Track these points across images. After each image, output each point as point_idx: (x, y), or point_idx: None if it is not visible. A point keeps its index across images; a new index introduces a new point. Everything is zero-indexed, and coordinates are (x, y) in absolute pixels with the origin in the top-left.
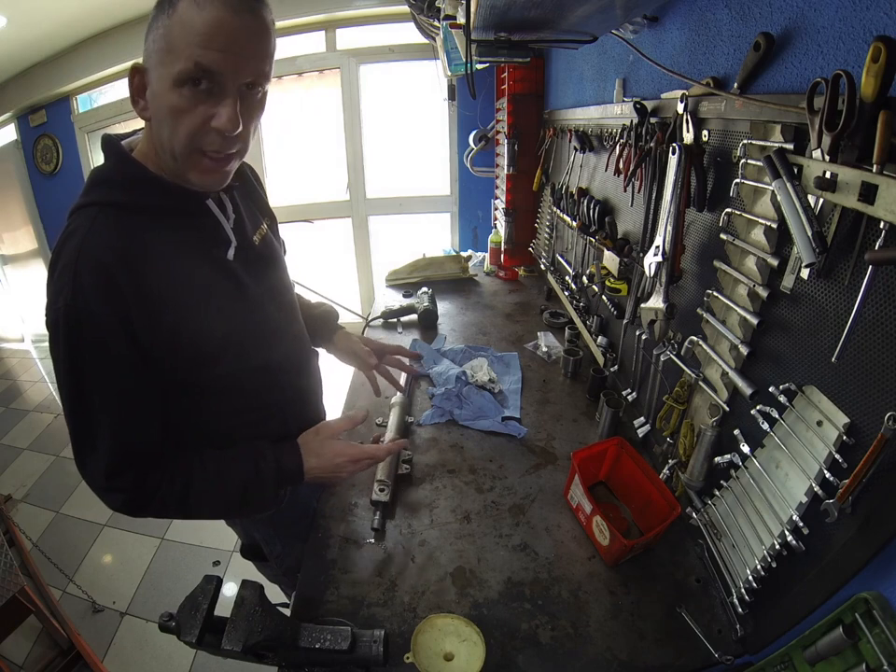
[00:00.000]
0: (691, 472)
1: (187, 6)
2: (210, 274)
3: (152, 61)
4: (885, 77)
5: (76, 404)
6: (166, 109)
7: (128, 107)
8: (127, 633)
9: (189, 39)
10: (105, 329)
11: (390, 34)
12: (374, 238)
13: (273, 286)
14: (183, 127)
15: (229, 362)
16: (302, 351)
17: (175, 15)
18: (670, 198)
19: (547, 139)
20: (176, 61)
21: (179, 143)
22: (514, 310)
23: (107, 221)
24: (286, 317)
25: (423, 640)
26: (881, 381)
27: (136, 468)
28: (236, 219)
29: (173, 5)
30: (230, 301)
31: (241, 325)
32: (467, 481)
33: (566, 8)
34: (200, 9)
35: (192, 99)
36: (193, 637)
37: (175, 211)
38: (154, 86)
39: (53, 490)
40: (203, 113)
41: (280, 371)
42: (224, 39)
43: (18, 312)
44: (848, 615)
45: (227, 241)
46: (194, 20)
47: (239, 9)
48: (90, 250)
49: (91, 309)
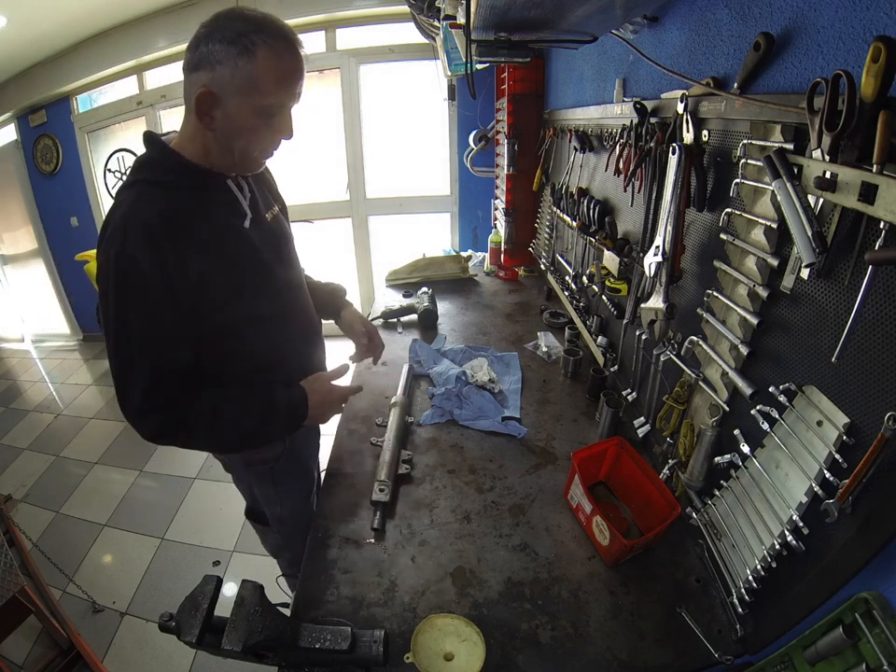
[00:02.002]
0: (691, 472)
1: (268, 55)
2: (230, 238)
3: (230, 90)
4: (885, 76)
5: (121, 337)
6: (247, 129)
7: (128, 108)
8: (127, 633)
9: (274, 82)
10: (147, 272)
11: (390, 34)
12: (374, 238)
13: (281, 254)
14: (258, 140)
15: (242, 309)
16: (306, 313)
17: (258, 60)
18: (670, 198)
19: (547, 139)
20: (262, 96)
21: (253, 150)
22: (514, 310)
23: (151, 194)
24: (293, 280)
25: (423, 640)
26: (881, 381)
27: (171, 389)
28: (251, 198)
29: (252, 51)
30: (244, 260)
31: (252, 279)
32: (467, 481)
33: (566, 8)
34: (280, 61)
35: (267, 121)
36: (193, 637)
37: (203, 187)
38: (231, 110)
39: (53, 490)
40: (270, 129)
41: (286, 322)
42: (295, 80)
43: (18, 312)
44: (848, 615)
45: (244, 213)
46: (276, 67)
47: (298, 55)
48: (136, 214)
49: (137, 257)
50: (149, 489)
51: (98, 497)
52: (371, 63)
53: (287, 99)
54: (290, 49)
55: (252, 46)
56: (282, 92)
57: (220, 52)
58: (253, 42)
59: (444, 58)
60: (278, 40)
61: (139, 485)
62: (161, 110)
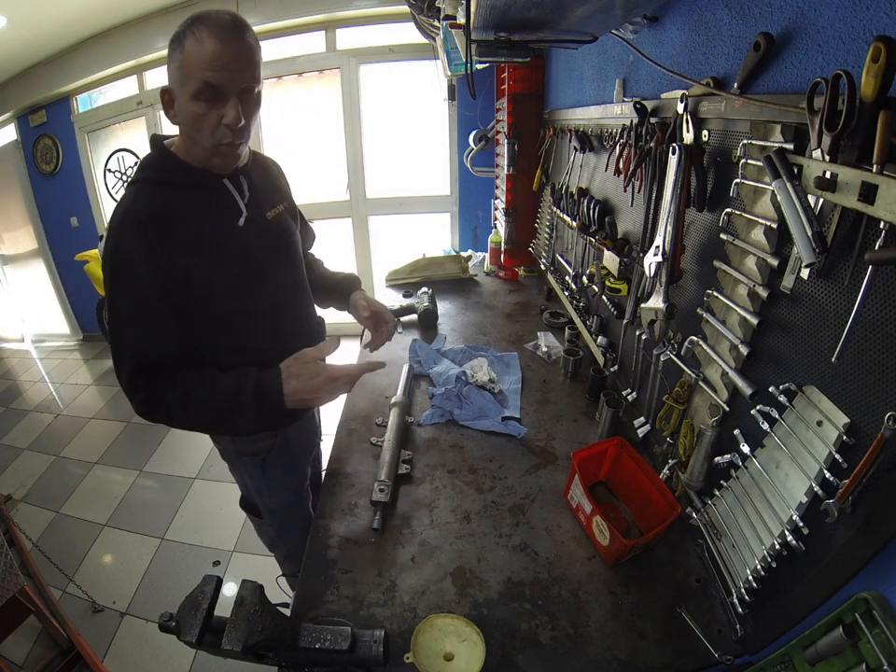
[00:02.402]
0: (691, 472)
1: (192, 43)
2: (221, 235)
3: (175, 83)
4: (885, 76)
5: (113, 322)
6: (190, 116)
7: (128, 108)
8: (127, 633)
9: (197, 66)
10: (136, 264)
11: (390, 34)
12: (374, 238)
13: (279, 252)
14: (204, 127)
15: (230, 304)
16: (304, 310)
17: (185, 50)
18: (670, 198)
19: (547, 139)
20: (191, 82)
21: (204, 138)
22: (514, 310)
23: (148, 192)
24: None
25: (423, 640)
26: (881, 381)
27: (149, 373)
28: (251, 197)
29: (181, 43)
30: (234, 257)
31: (241, 276)
32: (467, 481)
33: (566, 8)
34: (201, 45)
35: (205, 106)
36: (193, 637)
37: (199, 186)
38: (179, 101)
39: (53, 490)
40: (215, 115)
41: (279, 319)
42: (220, 62)
43: (18, 312)
44: (848, 615)
45: (239, 212)
46: (198, 52)
47: (228, 39)
48: (132, 212)
49: (128, 250)
50: (149, 489)
51: (98, 497)
52: (370, 62)
53: (217, 81)
54: (217, 34)
55: (183, 38)
56: (207, 76)
57: (169, 51)
58: (185, 35)
59: (444, 58)
60: (207, 27)
61: (139, 485)
62: (160, 110)
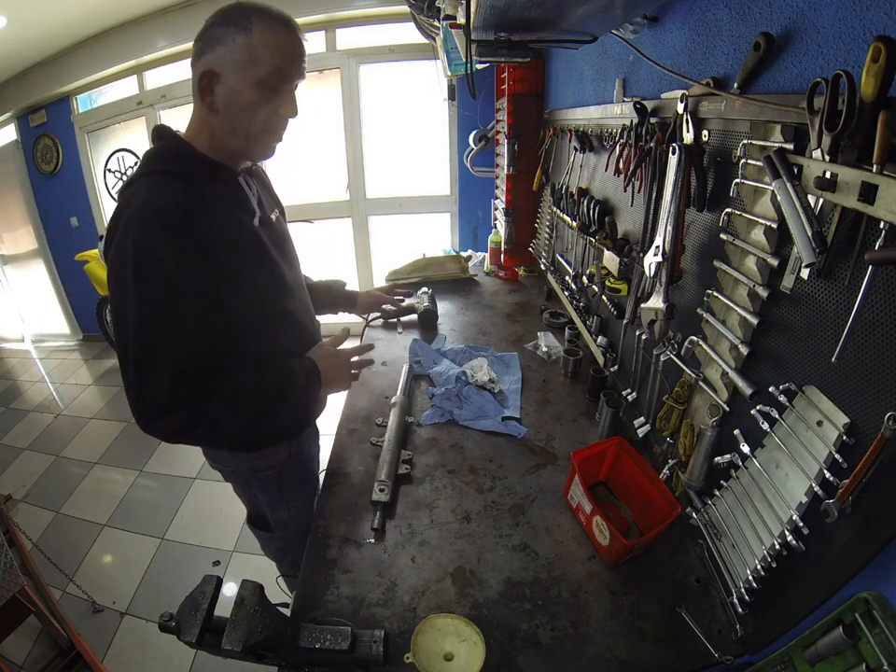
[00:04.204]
0: (691, 472)
1: (264, 29)
2: (239, 232)
3: (230, 67)
4: (885, 76)
5: (140, 327)
6: (245, 102)
7: (128, 108)
8: (127, 633)
9: (270, 52)
10: (165, 258)
11: (390, 34)
12: (374, 238)
13: (286, 253)
14: (258, 116)
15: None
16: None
17: (253, 35)
18: (670, 198)
19: (547, 139)
20: (259, 67)
21: (257, 127)
22: (514, 310)
23: (166, 182)
24: (297, 280)
25: (423, 640)
26: (881, 381)
27: (194, 381)
28: (258, 198)
29: (248, 27)
30: (256, 257)
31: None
32: (467, 481)
33: (566, 8)
34: (276, 33)
35: (267, 94)
36: (193, 637)
37: (215, 179)
38: (231, 85)
39: (53, 490)
40: (273, 105)
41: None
42: (295, 53)
43: (18, 312)
44: (848, 615)
45: (253, 211)
46: (273, 39)
47: (296, 32)
48: (153, 202)
49: (156, 244)
50: (149, 489)
51: (98, 497)
52: (370, 63)
53: (286, 71)
54: (287, 25)
55: (249, 24)
56: (280, 63)
57: (220, 34)
58: (250, 21)
59: (444, 58)
60: (273, 18)
61: (139, 485)
62: (160, 110)
